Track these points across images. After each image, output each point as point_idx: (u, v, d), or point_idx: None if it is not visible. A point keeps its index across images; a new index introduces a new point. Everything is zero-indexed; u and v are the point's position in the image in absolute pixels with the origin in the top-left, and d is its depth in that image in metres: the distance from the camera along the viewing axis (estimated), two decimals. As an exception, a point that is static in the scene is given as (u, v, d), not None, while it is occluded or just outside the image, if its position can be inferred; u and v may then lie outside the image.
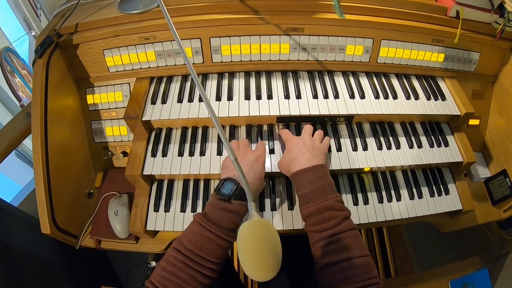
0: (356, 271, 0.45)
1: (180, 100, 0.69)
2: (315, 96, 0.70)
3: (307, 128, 0.65)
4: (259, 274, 0.45)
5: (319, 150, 0.60)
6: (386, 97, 0.72)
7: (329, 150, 0.68)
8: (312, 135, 0.64)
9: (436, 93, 0.75)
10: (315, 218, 0.51)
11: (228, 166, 0.57)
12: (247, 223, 0.47)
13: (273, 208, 0.66)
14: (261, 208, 0.66)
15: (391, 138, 0.72)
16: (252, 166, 0.56)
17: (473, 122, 0.82)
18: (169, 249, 0.49)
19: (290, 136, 0.64)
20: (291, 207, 0.66)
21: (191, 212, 0.67)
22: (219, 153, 0.68)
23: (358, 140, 0.70)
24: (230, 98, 0.69)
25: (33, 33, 1.23)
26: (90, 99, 0.76)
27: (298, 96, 0.69)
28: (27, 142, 1.19)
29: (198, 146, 0.69)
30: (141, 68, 0.73)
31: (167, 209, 0.67)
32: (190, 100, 0.69)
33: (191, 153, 0.68)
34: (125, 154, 0.76)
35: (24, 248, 0.77)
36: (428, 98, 0.74)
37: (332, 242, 0.48)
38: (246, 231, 0.47)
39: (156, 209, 0.67)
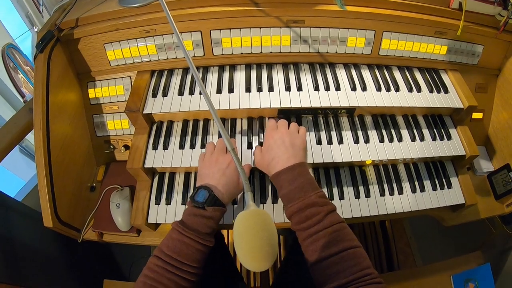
0: (347, 264, 0.45)
1: (181, 93, 0.69)
2: (316, 88, 0.69)
3: (281, 122, 0.63)
4: (254, 265, 0.45)
5: (298, 147, 0.58)
6: (388, 90, 0.71)
7: (330, 142, 0.68)
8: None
9: (438, 86, 0.74)
10: (298, 217, 0.51)
11: (203, 174, 0.58)
12: (243, 212, 0.47)
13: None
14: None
15: (393, 131, 0.71)
16: (224, 172, 0.56)
17: (476, 115, 0.81)
18: (150, 257, 0.50)
19: (269, 130, 0.62)
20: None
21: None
22: (220, 146, 0.68)
23: (359, 133, 0.70)
24: (231, 90, 0.69)
25: (36, 29, 1.24)
26: (91, 93, 0.76)
27: (299, 88, 0.69)
28: (31, 138, 1.20)
29: (199, 138, 0.69)
30: (142, 61, 0.73)
31: (168, 202, 0.67)
32: (191, 93, 0.69)
33: (192, 146, 0.68)
34: (127, 147, 0.76)
35: (28, 242, 0.77)
36: (431, 91, 0.73)
37: (319, 238, 0.47)
38: (241, 221, 0.47)
39: (158, 202, 0.67)
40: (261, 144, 0.67)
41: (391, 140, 0.70)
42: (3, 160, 0.71)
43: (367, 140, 0.69)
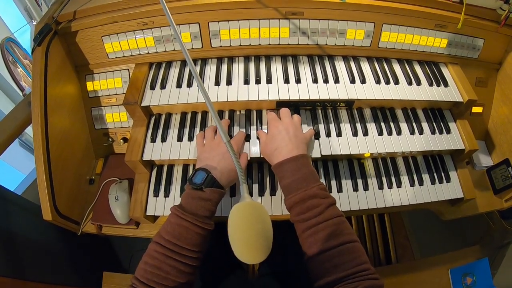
0: (344, 258, 0.45)
1: (179, 85, 0.69)
2: (315, 80, 0.69)
3: (284, 111, 0.63)
4: (248, 257, 0.44)
5: (301, 140, 0.59)
6: (388, 82, 0.71)
7: (329, 135, 0.68)
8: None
9: (438, 79, 0.74)
10: (299, 208, 0.50)
11: (202, 158, 0.58)
12: (238, 204, 0.47)
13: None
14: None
15: (392, 124, 0.71)
16: (224, 156, 0.56)
17: (476, 109, 0.81)
18: (150, 244, 0.50)
19: (273, 121, 0.62)
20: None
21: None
22: (218, 138, 0.67)
23: (358, 126, 0.70)
24: (229, 82, 0.69)
25: (35, 23, 1.24)
26: (90, 86, 0.76)
27: (298, 81, 0.68)
28: (30, 131, 1.20)
29: (197, 131, 0.69)
30: (140, 54, 0.73)
31: (166, 194, 0.67)
32: (189, 85, 0.69)
33: (191, 138, 0.68)
34: (125, 140, 0.76)
35: (27, 235, 0.77)
36: (431, 84, 0.73)
37: (318, 230, 0.48)
38: (236, 213, 0.46)
39: (156, 194, 0.68)
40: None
41: (390, 133, 0.70)
42: (3, 153, 0.72)
43: (365, 133, 0.69)
